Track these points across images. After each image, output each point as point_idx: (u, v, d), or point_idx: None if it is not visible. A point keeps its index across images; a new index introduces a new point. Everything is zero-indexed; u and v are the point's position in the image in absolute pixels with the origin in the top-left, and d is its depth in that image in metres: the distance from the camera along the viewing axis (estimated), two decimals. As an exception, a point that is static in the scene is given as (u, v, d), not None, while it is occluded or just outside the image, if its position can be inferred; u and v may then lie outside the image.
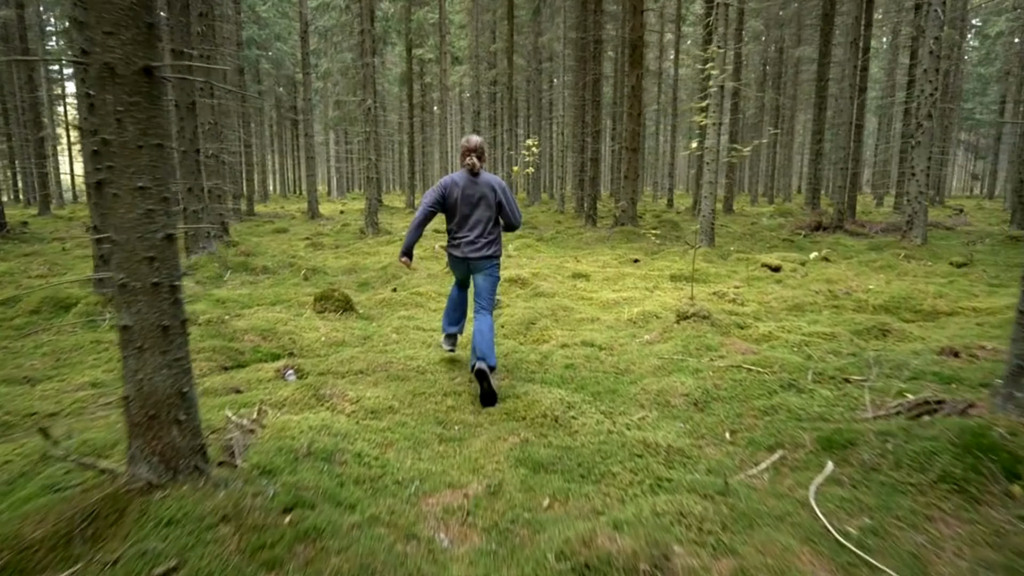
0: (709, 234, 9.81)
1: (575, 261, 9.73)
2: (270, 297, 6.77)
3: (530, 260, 9.86)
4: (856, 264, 8.99)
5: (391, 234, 14.10)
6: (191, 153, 8.10)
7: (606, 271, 8.58)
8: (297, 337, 5.01)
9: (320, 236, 14.23)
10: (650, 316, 5.66)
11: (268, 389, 3.70)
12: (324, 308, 5.89)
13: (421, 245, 11.85)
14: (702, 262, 9.19)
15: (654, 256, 10.46)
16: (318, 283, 7.72)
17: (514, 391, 3.73)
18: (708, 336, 4.63)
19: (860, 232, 14.51)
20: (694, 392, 3.62)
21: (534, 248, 11.51)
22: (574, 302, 6.49)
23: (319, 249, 11.83)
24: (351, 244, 12.42)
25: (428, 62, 31.94)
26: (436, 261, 9.79)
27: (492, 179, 3.98)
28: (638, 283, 7.67)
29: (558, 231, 14.67)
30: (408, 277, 7.93)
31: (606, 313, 6.02)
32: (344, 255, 10.66)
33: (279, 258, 9.78)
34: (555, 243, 12.75)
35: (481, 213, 3.91)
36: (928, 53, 9.90)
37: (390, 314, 6.15)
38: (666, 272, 8.39)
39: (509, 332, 5.17)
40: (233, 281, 7.85)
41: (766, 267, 7.96)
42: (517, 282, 7.49)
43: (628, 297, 6.54)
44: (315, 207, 20.52)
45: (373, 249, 11.33)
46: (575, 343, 4.84)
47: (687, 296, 6.67)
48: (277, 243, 12.74)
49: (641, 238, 12.76)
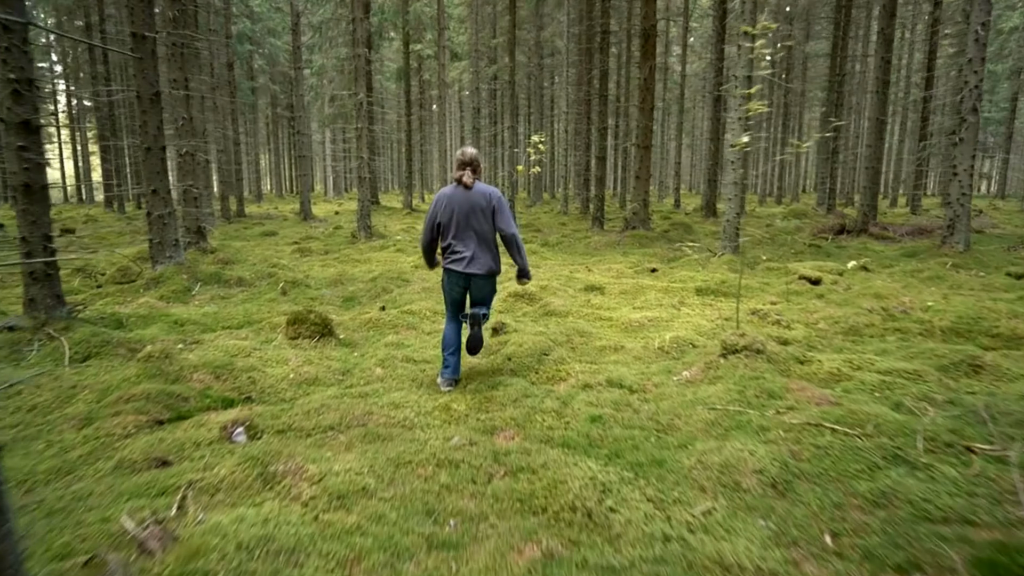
0: (733, 240, 8.91)
1: (586, 270, 8.82)
2: (239, 317, 5.86)
3: (536, 269, 8.95)
4: (900, 275, 8.09)
5: (385, 238, 13.19)
6: (155, 150, 7.19)
7: (622, 282, 7.67)
8: (260, 375, 4.10)
9: (309, 240, 13.32)
10: (684, 344, 4.75)
11: (205, 460, 2.80)
12: (298, 333, 4.98)
13: (416, 251, 10.95)
14: (727, 271, 8.30)
15: (672, 264, 9.55)
16: (297, 298, 6.82)
17: (529, 461, 2.83)
18: (766, 377, 3.72)
19: (886, 236, 13.62)
20: (769, 466, 2.72)
21: (539, 255, 10.60)
22: (591, 324, 5.58)
23: (306, 255, 10.93)
24: (341, 250, 11.51)
25: (427, 58, 31.02)
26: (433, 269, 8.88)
27: (486, 188, 3.87)
28: (661, 298, 6.77)
29: (563, 234, 13.77)
30: (400, 292, 7.02)
31: (631, 339, 5.12)
32: (332, 263, 9.75)
33: (259, 267, 8.86)
34: (561, 248, 11.85)
35: (478, 225, 3.82)
36: (973, 41, 8.99)
37: (376, 339, 5.24)
38: (690, 284, 7.48)
39: (518, 367, 4.27)
40: (202, 296, 6.95)
41: (805, 280, 7.06)
42: (524, 297, 6.59)
43: (653, 318, 5.64)
44: (308, 208, 19.61)
45: (364, 256, 10.42)
46: (599, 383, 3.94)
47: (721, 316, 5.77)
48: (262, 248, 11.83)
49: (654, 243, 11.85)
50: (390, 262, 9.88)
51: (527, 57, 29.10)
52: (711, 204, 17.08)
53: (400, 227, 16.92)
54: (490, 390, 3.89)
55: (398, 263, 9.76)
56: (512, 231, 3.86)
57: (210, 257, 9.37)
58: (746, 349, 3.99)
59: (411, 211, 23.81)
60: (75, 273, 8.16)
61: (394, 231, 15.66)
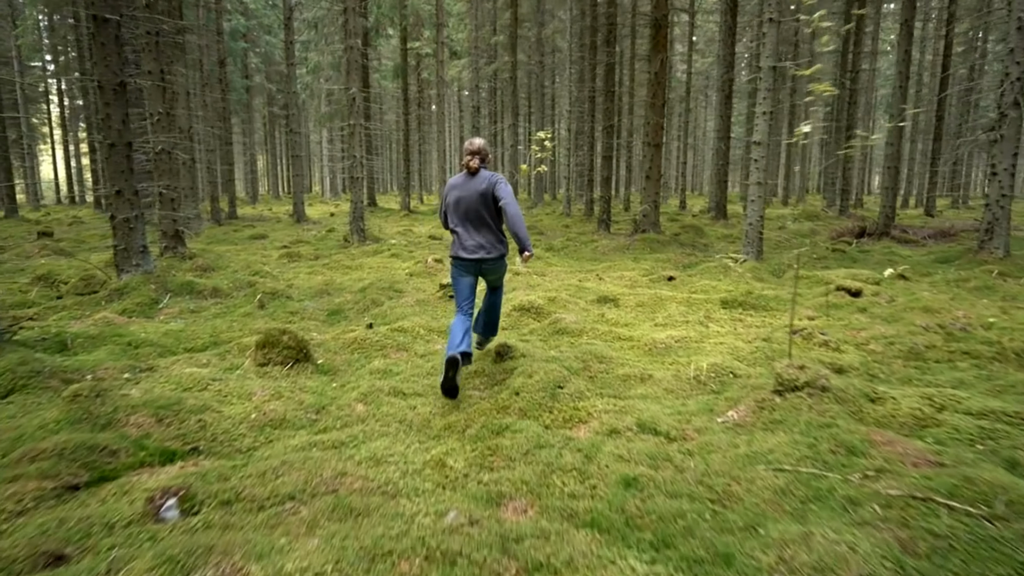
0: (757, 245, 8.18)
1: (596, 279, 8.09)
2: (205, 336, 5.13)
3: (542, 277, 8.22)
4: (943, 284, 7.36)
5: (379, 242, 12.46)
6: (120, 147, 6.46)
7: (637, 292, 6.94)
8: (214, 416, 3.36)
9: (299, 244, 12.59)
10: (723, 373, 4.02)
11: (112, 555, 2.07)
12: (268, 359, 4.25)
13: (412, 256, 10.23)
14: (751, 280, 7.57)
15: (689, 271, 8.82)
16: (276, 312, 6.08)
17: (549, 553, 2.10)
18: (839, 424, 2.99)
19: (909, 239, 12.90)
20: (880, 570, 1.98)
21: (545, 260, 9.87)
22: (610, 345, 4.85)
23: (294, 261, 10.19)
24: (332, 255, 10.78)
25: (425, 56, 30.30)
26: (429, 277, 8.16)
27: (488, 174, 3.91)
28: (684, 312, 6.03)
29: (568, 238, 13.04)
30: (391, 305, 6.29)
31: (658, 365, 4.39)
32: (320, 269, 9.02)
33: (240, 275, 8.14)
34: (567, 253, 11.12)
35: (480, 210, 3.86)
36: (1016, 30, 8.28)
37: (360, 365, 4.51)
38: (713, 295, 6.76)
39: (528, 404, 3.53)
40: (170, 309, 6.21)
41: (843, 291, 6.33)
42: (531, 311, 5.86)
43: (680, 337, 4.90)
44: (301, 210, 18.88)
45: (355, 262, 9.69)
46: (628, 427, 3.21)
47: (758, 335, 5.03)
48: (247, 253, 11.09)
49: (666, 247, 11.12)
50: (383, 269, 9.15)
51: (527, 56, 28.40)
52: (721, 206, 16.37)
53: (396, 230, 16.19)
54: (495, 436, 3.16)
55: (392, 270, 9.03)
56: (511, 199, 3.81)
57: (188, 264, 8.65)
58: (808, 386, 3.25)
59: (409, 213, 23.08)
60: (36, 281, 7.43)
61: (390, 234, 14.93)
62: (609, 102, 13.48)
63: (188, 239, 13.58)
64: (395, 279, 7.54)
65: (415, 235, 14.89)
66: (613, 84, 13.30)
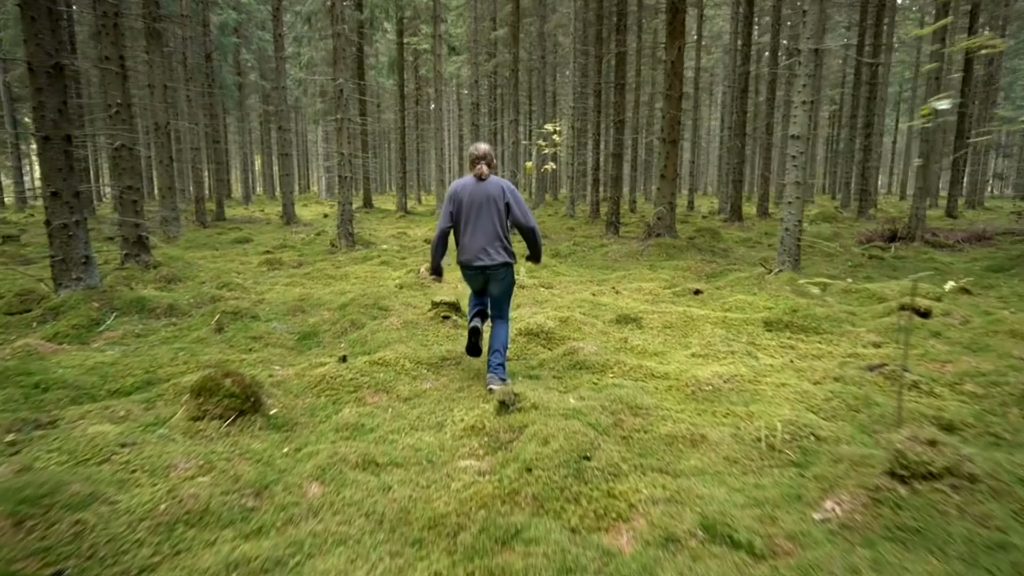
0: (794, 253, 7.20)
1: (612, 291, 7.11)
2: (139, 372, 4.15)
3: (550, 290, 7.25)
4: (1014, 299, 6.39)
5: (370, 247, 11.48)
6: (56, 140, 5.48)
7: (662, 309, 5.97)
8: (103, 512, 2.38)
9: (283, 249, 11.62)
10: (800, 434, 3.04)
11: None
12: (204, 411, 3.27)
13: (404, 264, 9.27)
14: (791, 294, 6.60)
15: (715, 281, 7.85)
16: (236, 337, 5.10)
17: None
18: (1015, 543, 2.02)
19: (943, 243, 11.94)
20: None
21: (552, 268, 8.89)
22: (642, 385, 3.87)
23: (273, 269, 9.22)
24: (316, 262, 9.81)
25: (423, 53, 29.33)
26: (421, 290, 7.19)
27: (499, 181, 3.86)
28: (723, 336, 5.06)
29: (575, 242, 12.06)
30: (375, 326, 5.31)
31: (708, 416, 3.41)
32: (300, 280, 8.05)
33: (206, 288, 7.17)
34: (576, 260, 10.15)
35: (490, 217, 3.78)
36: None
37: (325, 416, 3.53)
38: (752, 313, 5.78)
39: (545, 489, 2.55)
40: (112, 332, 5.23)
41: (910, 311, 5.35)
42: (540, 336, 4.89)
43: (729, 375, 3.92)
44: (291, 211, 17.92)
45: (341, 270, 8.71)
46: (690, 531, 2.24)
47: (827, 373, 4.05)
48: (224, 260, 10.12)
49: (683, 253, 10.15)
50: (371, 279, 8.18)
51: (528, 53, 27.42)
52: (736, 207, 15.39)
53: (390, 233, 15.21)
54: (500, 549, 2.19)
55: (380, 280, 8.06)
56: (532, 225, 3.87)
57: (151, 274, 7.69)
58: (949, 474, 2.28)
59: (405, 214, 22.11)
60: (-30, 297, 6.45)
61: (383, 237, 13.96)
62: (619, 96, 12.51)
63: (164, 243, 12.61)
64: (381, 293, 6.57)
65: (409, 239, 13.91)
66: (623, 76, 12.33)
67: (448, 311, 5.34)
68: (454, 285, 7.64)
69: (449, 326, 5.24)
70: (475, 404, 3.67)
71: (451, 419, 3.46)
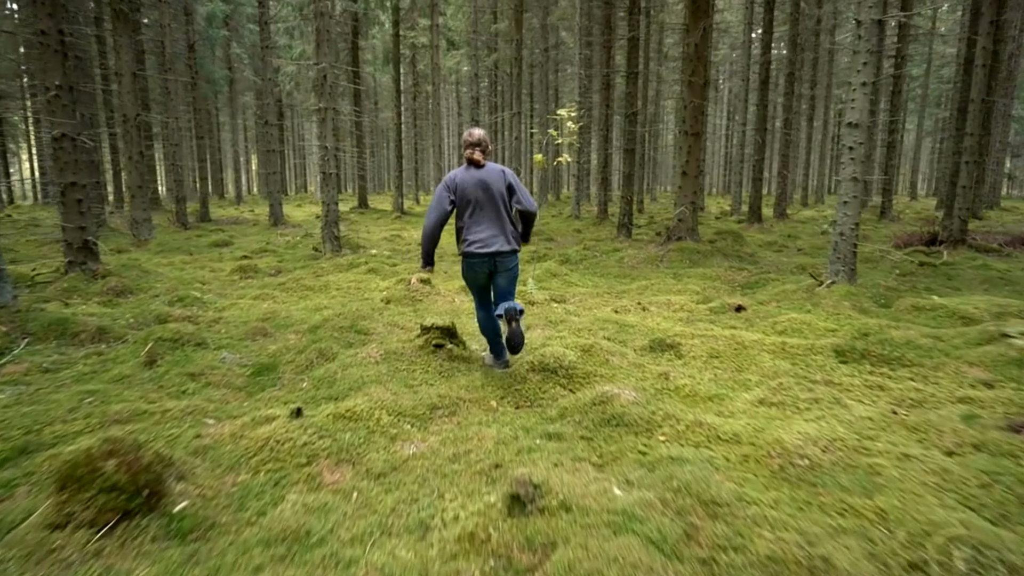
0: (849, 262, 6.12)
1: (638, 306, 6.02)
2: (19, 430, 3.06)
3: (564, 306, 6.16)
4: None
5: (359, 251, 10.40)
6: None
7: (700, 331, 4.89)
8: None
9: (263, 254, 10.54)
10: (987, 562, 1.96)
11: None
12: (69, 515, 2.19)
13: (394, 272, 8.21)
14: (852, 311, 5.52)
15: (753, 293, 6.77)
16: (169, 372, 4.00)
17: None
18: None
19: (989, 248, 10.87)
20: None
21: (562, 278, 7.80)
22: (710, 456, 2.78)
23: (246, 278, 8.14)
24: (295, 269, 8.73)
25: (421, 48, 28.24)
26: (411, 305, 6.11)
27: (496, 167, 3.76)
28: (790, 371, 3.98)
29: (585, 246, 10.98)
30: (348, 358, 4.21)
31: (822, 524, 2.31)
32: (272, 292, 6.96)
33: (157, 303, 6.09)
34: (589, 268, 9.06)
35: (495, 204, 3.68)
36: None
37: (258, 514, 2.43)
38: (814, 337, 4.70)
39: None
40: (16, 365, 4.14)
41: (1008, 337, 4.27)
42: (557, 373, 3.81)
43: (823, 438, 2.82)
44: (278, 212, 16.84)
45: (321, 280, 7.62)
46: None
47: (957, 436, 2.97)
48: (194, 267, 9.04)
49: (708, 259, 9.07)
50: (354, 290, 7.10)
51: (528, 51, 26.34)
52: (756, 208, 14.32)
53: (384, 235, 14.13)
54: None
55: (365, 292, 6.99)
56: (535, 208, 3.84)
57: (97, 286, 6.61)
58: None
59: (401, 215, 21.03)
60: None
61: (374, 240, 12.87)
62: (632, 85, 11.42)
63: (135, 247, 11.52)
64: (363, 311, 5.48)
65: (403, 241, 12.83)
66: (636, 63, 11.26)
67: (441, 337, 4.26)
68: (450, 298, 6.56)
69: (442, 357, 4.16)
70: (475, 485, 2.59)
71: (441, 515, 2.38)
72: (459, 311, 5.93)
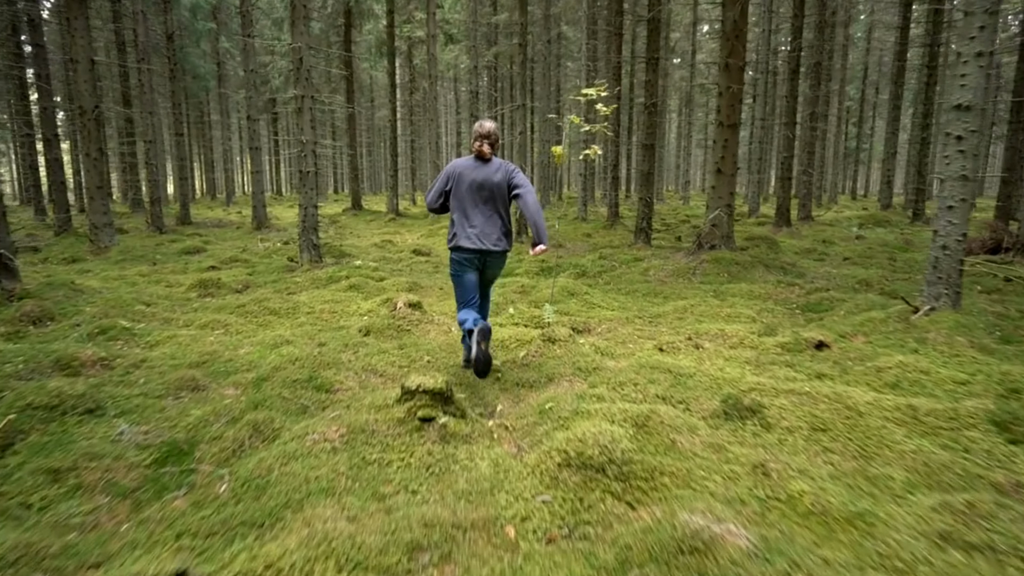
0: (955, 283, 4.82)
1: (687, 341, 4.69)
2: None
3: (591, 340, 4.83)
4: None
5: (343, 260, 9.09)
6: None
7: (778, 379, 3.60)
8: None
9: (234, 264, 9.24)
10: None
11: None
12: None
13: (380, 289, 6.93)
14: (971, 349, 4.22)
15: (821, 319, 5.46)
16: (20, 469, 2.70)
17: None
18: None
19: (1060, 255, 9.57)
20: None
21: (582, 297, 6.48)
22: None
23: (205, 295, 6.84)
24: (266, 283, 7.43)
25: (418, 42, 26.93)
26: (396, 339, 4.81)
27: (501, 162, 3.67)
28: (943, 458, 2.68)
29: (600, 254, 9.67)
30: (289, 450, 2.88)
31: None
32: (227, 316, 5.64)
33: (78, 332, 4.79)
34: (610, 282, 7.75)
35: (492, 200, 3.60)
36: None
37: None
38: (944, 396, 3.41)
39: None
40: None
41: None
42: (607, 473, 2.51)
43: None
44: (262, 214, 15.55)
45: (291, 300, 6.30)
46: None
47: None
48: (148, 282, 7.73)
49: (749, 272, 7.78)
50: (327, 317, 5.79)
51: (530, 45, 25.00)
52: (785, 210, 13.01)
53: (374, 240, 12.82)
54: None
55: (340, 319, 5.68)
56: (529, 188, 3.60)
57: (9, 311, 5.33)
58: None
59: (396, 217, 19.73)
60: None
61: (363, 247, 11.57)
62: (652, 72, 10.12)
63: (94, 255, 10.22)
64: (331, 351, 4.18)
65: (396, 248, 11.53)
66: (657, 48, 9.96)
67: (430, 406, 2.96)
68: (445, 327, 5.26)
69: (432, 438, 2.86)
70: None
71: None
72: (456, 348, 4.63)
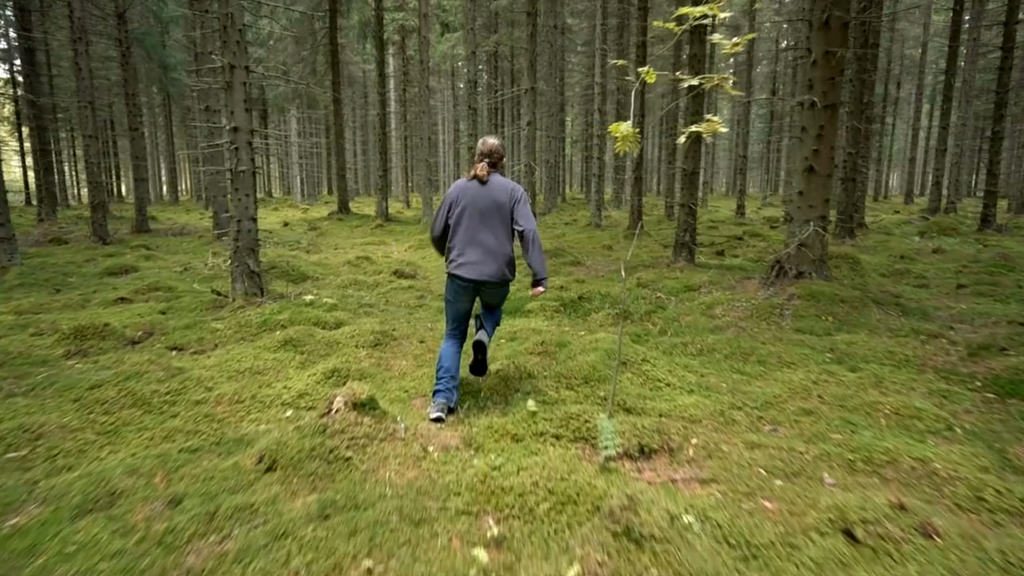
0: None
1: (890, 506, 2.44)
2: None
3: (672, 466, 2.56)
4: None
5: (297, 288, 6.81)
6: None
7: None
8: None
9: (151, 295, 6.98)
10: None
11: None
12: None
13: (327, 352, 4.63)
14: None
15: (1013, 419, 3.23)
16: None
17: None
18: None
19: None
20: None
21: (635, 365, 4.18)
22: None
23: (76, 354, 4.60)
24: (176, 329, 5.18)
25: (411, 32, 24.73)
26: (315, 491, 2.55)
27: (506, 183, 3.39)
28: None
29: (639, 280, 7.43)
30: None
31: None
32: (65, 410, 3.39)
33: None
34: (665, 331, 5.45)
35: (492, 225, 3.31)
36: None
37: None
38: None
39: None
40: None
41: None
42: None
43: None
44: (224, 222, 13.28)
45: (176, 377, 3.99)
46: None
47: None
48: (7, 326, 5.48)
49: (861, 313, 5.52)
50: (223, 415, 3.51)
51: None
52: (849, 217, 10.78)
53: (351, 255, 10.57)
54: None
55: (243, 420, 3.42)
56: (532, 226, 3.33)
57: None
58: None
59: (384, 223, 17.48)
60: None
61: (334, 264, 9.33)
62: (699, 45, 7.90)
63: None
64: (171, 541, 1.93)
65: (373, 268, 9.27)
66: (705, 14, 7.84)
67: None
68: (417, 450, 3.02)
69: None
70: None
71: None
72: (438, 525, 2.39)
